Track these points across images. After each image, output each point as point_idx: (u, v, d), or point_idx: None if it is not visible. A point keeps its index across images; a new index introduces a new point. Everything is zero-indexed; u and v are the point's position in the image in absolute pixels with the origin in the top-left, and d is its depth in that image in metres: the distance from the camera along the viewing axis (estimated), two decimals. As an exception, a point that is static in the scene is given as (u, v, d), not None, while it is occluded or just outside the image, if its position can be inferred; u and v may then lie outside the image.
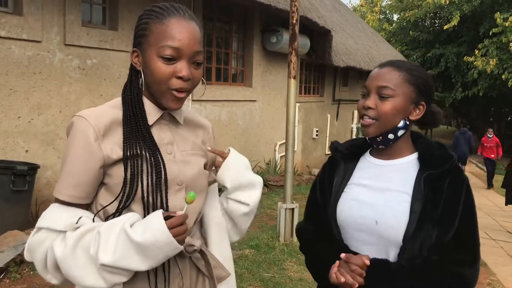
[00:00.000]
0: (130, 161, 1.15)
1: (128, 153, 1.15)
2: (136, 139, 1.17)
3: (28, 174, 4.08)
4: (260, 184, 1.40)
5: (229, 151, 1.36)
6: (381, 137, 1.37)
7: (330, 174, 1.50)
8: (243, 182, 1.35)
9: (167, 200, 1.18)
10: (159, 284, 1.20)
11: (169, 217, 1.10)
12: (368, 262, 1.26)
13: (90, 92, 5.13)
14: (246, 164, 1.39)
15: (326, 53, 9.62)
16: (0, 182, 3.92)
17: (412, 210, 1.29)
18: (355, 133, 13.35)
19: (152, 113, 1.22)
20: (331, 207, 1.44)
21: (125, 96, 1.22)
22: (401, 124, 1.35)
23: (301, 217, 1.66)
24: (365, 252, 1.35)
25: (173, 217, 1.11)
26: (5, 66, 4.30)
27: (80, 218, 1.13)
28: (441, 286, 1.26)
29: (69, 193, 1.14)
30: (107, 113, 1.19)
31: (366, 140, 1.44)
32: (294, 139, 5.19)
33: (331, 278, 1.29)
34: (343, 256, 1.29)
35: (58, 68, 4.75)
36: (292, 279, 4.12)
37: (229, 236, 1.42)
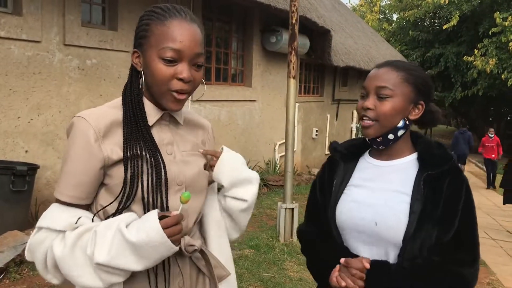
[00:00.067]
0: (130, 162, 1.15)
1: (128, 154, 1.15)
2: (136, 140, 1.17)
3: (28, 174, 4.08)
4: (256, 179, 1.40)
5: (222, 149, 1.36)
6: (381, 137, 1.36)
7: (330, 175, 1.50)
8: (239, 178, 1.35)
9: (167, 200, 1.19)
10: (159, 284, 1.21)
11: (165, 217, 1.10)
12: (368, 265, 1.26)
13: (90, 92, 5.13)
14: (241, 160, 1.39)
15: (325, 53, 9.62)
16: (-1, 182, 3.93)
17: (411, 210, 1.29)
18: (354, 133, 13.35)
19: (152, 114, 1.22)
20: (331, 208, 1.43)
21: (125, 96, 1.22)
22: (400, 124, 1.35)
23: (301, 216, 1.66)
24: (365, 253, 1.35)
25: (168, 217, 1.10)
26: (5, 66, 4.30)
27: (80, 218, 1.13)
28: (441, 286, 1.26)
29: (69, 194, 1.15)
30: (107, 114, 1.19)
31: (365, 140, 1.44)
32: (294, 139, 5.19)
33: (332, 283, 1.29)
34: (342, 261, 1.29)
35: (57, 68, 4.75)
36: (292, 279, 4.12)
37: (229, 234, 1.42)
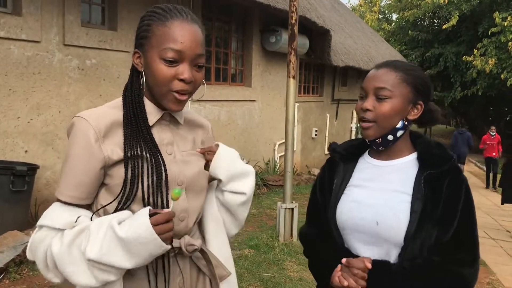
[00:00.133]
0: (130, 162, 1.15)
1: (129, 154, 1.15)
2: (137, 140, 1.17)
3: (28, 174, 4.08)
4: (252, 172, 1.40)
5: (217, 145, 1.36)
6: (380, 139, 1.37)
7: (329, 176, 1.50)
8: (236, 172, 1.35)
9: (168, 200, 1.19)
10: (159, 284, 1.21)
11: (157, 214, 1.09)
12: (369, 265, 1.26)
13: (90, 92, 5.13)
14: (236, 154, 1.40)
15: (325, 53, 9.62)
16: (-1, 183, 3.92)
17: (412, 210, 1.29)
18: (354, 132, 13.35)
19: (153, 114, 1.23)
20: (331, 208, 1.44)
21: (125, 96, 1.22)
22: (399, 124, 1.35)
23: (301, 216, 1.66)
24: (365, 253, 1.35)
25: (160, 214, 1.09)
26: (4, 67, 4.29)
27: (79, 217, 1.13)
28: (441, 286, 1.26)
29: (70, 194, 1.15)
30: (108, 114, 1.19)
31: (364, 140, 1.44)
32: (294, 139, 5.19)
33: (334, 282, 1.29)
34: (343, 261, 1.29)
35: (57, 69, 4.75)
36: (291, 279, 4.12)
37: (228, 230, 1.42)
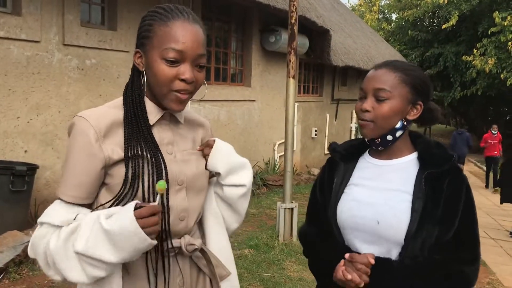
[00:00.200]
0: (131, 162, 1.15)
1: (129, 154, 1.15)
2: (137, 140, 1.18)
3: (27, 174, 4.08)
4: (249, 164, 1.41)
5: (214, 140, 1.36)
6: (379, 138, 1.37)
7: (329, 175, 1.51)
8: (234, 164, 1.35)
9: (168, 200, 1.19)
10: (159, 283, 1.21)
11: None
12: (373, 260, 1.26)
13: (89, 92, 5.12)
14: (232, 148, 1.40)
15: (325, 53, 9.61)
16: (-1, 183, 3.92)
17: (413, 209, 1.29)
18: (354, 132, 13.35)
19: (153, 113, 1.23)
20: (331, 208, 1.44)
21: (126, 96, 1.22)
22: (398, 125, 1.35)
23: (301, 216, 1.67)
24: (366, 252, 1.35)
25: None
26: (4, 66, 4.29)
27: (78, 215, 1.14)
28: (442, 284, 1.27)
29: (71, 194, 1.15)
30: (108, 114, 1.19)
31: (364, 140, 1.44)
32: (293, 139, 5.19)
33: (337, 275, 1.29)
34: (347, 256, 1.29)
35: (57, 68, 4.75)
36: (291, 279, 4.12)
37: (229, 225, 1.42)
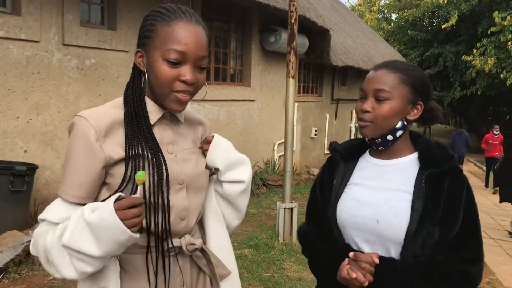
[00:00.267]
0: (131, 161, 1.15)
1: (130, 153, 1.15)
2: (138, 139, 1.18)
3: (27, 174, 4.08)
4: (248, 160, 1.41)
5: (212, 136, 1.36)
6: (380, 138, 1.37)
7: (330, 175, 1.51)
8: (233, 160, 1.35)
9: (169, 199, 1.19)
10: (159, 283, 1.21)
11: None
12: (377, 260, 1.26)
13: (89, 92, 5.12)
14: (231, 144, 1.40)
15: (324, 53, 9.61)
16: (-2, 183, 3.92)
17: (413, 208, 1.29)
18: (353, 132, 13.36)
19: (154, 112, 1.23)
20: (331, 207, 1.44)
21: (127, 95, 1.22)
22: (399, 125, 1.36)
23: (300, 216, 1.66)
24: (365, 251, 1.35)
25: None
26: (4, 66, 4.29)
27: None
28: (446, 284, 1.26)
29: (72, 193, 1.15)
30: (109, 113, 1.19)
31: (364, 140, 1.44)
32: (293, 139, 5.19)
33: (341, 274, 1.28)
34: (351, 255, 1.29)
35: (56, 68, 4.75)
36: (291, 279, 4.12)
37: (229, 222, 1.42)
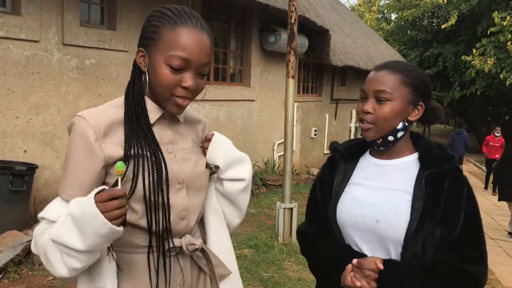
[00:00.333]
0: (131, 160, 1.15)
1: (130, 152, 1.15)
2: (138, 139, 1.18)
3: (27, 174, 4.08)
4: (248, 158, 1.40)
5: (212, 134, 1.36)
6: (381, 139, 1.37)
7: (330, 175, 1.51)
8: (233, 158, 1.35)
9: (168, 199, 1.19)
10: (160, 282, 1.21)
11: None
12: (381, 266, 1.25)
13: (89, 92, 5.12)
14: (231, 142, 1.40)
15: (324, 53, 9.62)
16: (-2, 182, 3.92)
17: (413, 208, 1.29)
18: (353, 132, 13.36)
19: (153, 112, 1.23)
20: (331, 207, 1.44)
21: (127, 95, 1.23)
22: (400, 126, 1.36)
23: (300, 216, 1.66)
24: (365, 251, 1.35)
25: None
26: (3, 66, 4.29)
27: None
28: (450, 286, 1.26)
29: (72, 193, 1.15)
30: (108, 113, 1.19)
31: (364, 140, 1.44)
32: (293, 139, 5.19)
33: (346, 282, 1.28)
34: (355, 262, 1.28)
35: (56, 68, 4.75)
36: (291, 279, 4.12)
37: (230, 221, 1.41)
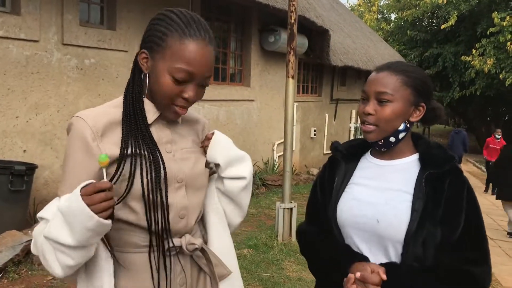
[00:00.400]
0: (128, 160, 1.15)
1: (127, 152, 1.15)
2: (135, 138, 1.18)
3: (26, 174, 4.07)
4: (248, 157, 1.40)
5: (213, 133, 1.36)
6: (382, 140, 1.37)
7: (330, 174, 1.50)
8: (233, 156, 1.35)
9: (167, 198, 1.19)
10: (161, 281, 1.21)
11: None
12: (385, 277, 1.24)
13: (88, 92, 5.12)
14: (231, 141, 1.40)
15: (324, 53, 9.62)
16: (-2, 182, 3.91)
17: (413, 208, 1.29)
18: (353, 132, 13.37)
19: (151, 112, 1.23)
20: (332, 206, 1.44)
21: (127, 94, 1.23)
22: (401, 127, 1.36)
23: (300, 216, 1.66)
24: (365, 250, 1.35)
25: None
26: (3, 66, 4.29)
27: None
28: (452, 286, 1.25)
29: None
30: (106, 113, 1.19)
31: (364, 140, 1.45)
32: (292, 139, 5.20)
33: None
34: (358, 276, 1.26)
35: (56, 68, 4.74)
36: (290, 279, 4.12)
37: (231, 220, 1.41)
